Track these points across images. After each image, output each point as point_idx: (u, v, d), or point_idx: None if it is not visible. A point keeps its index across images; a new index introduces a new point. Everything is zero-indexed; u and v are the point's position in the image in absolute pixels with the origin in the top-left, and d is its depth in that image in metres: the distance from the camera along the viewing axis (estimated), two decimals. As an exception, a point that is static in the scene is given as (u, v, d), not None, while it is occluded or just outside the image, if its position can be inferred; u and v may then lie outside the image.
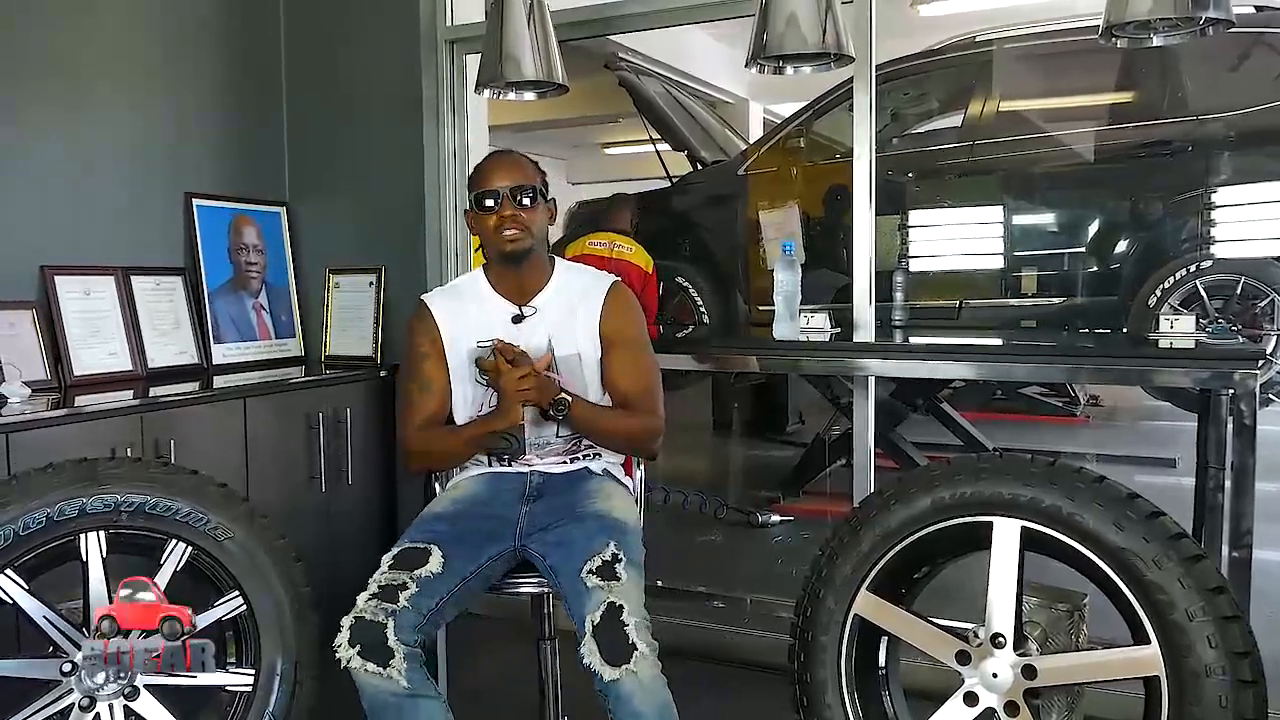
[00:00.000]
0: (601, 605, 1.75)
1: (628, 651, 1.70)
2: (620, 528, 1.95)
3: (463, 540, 1.93)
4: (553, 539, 1.94)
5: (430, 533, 1.95)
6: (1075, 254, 4.65)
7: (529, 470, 2.12)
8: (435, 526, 1.98)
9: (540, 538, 1.96)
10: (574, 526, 1.95)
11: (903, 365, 2.72)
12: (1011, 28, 4.86)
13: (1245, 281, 4.21)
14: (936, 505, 1.93)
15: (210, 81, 3.32)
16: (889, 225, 4.84)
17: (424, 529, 1.98)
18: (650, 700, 1.70)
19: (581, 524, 1.95)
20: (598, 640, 1.71)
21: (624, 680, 1.69)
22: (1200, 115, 4.30)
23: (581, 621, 1.75)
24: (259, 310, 3.41)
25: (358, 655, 1.73)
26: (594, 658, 1.70)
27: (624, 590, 1.78)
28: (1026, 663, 1.84)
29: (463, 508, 2.05)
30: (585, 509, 2.00)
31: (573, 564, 1.85)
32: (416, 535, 1.96)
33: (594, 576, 1.80)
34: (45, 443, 2.27)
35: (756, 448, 6.02)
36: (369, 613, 1.77)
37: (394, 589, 1.81)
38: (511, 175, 2.07)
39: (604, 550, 1.85)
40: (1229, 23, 2.13)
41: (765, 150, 5.48)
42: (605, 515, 1.98)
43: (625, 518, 2.00)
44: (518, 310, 2.11)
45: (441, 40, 3.27)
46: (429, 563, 1.86)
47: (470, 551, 1.92)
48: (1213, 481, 2.35)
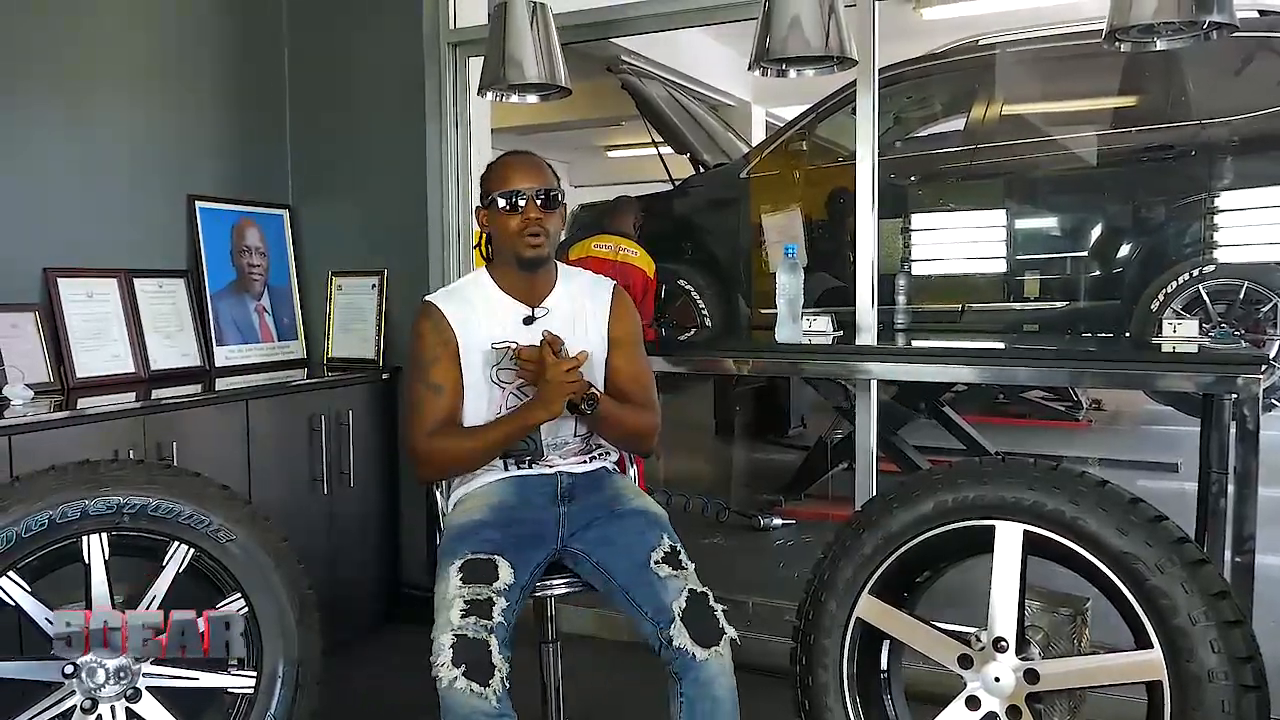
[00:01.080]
0: (683, 591, 1.83)
1: (718, 634, 1.79)
2: (663, 523, 2.01)
3: (515, 548, 1.92)
4: (594, 537, 1.97)
5: (486, 542, 1.91)
6: (1078, 258, 4.65)
7: (555, 471, 2.11)
8: (487, 535, 1.93)
9: (582, 537, 1.99)
10: (617, 524, 1.99)
11: (905, 368, 2.72)
12: (1014, 31, 4.86)
13: (1248, 286, 4.21)
14: (939, 509, 1.93)
15: (213, 84, 3.32)
16: (891, 229, 4.84)
17: (475, 539, 1.93)
18: (729, 684, 1.79)
19: (624, 521, 1.99)
20: (688, 623, 1.79)
21: (712, 662, 1.77)
22: (1203, 120, 4.30)
23: (660, 609, 1.82)
24: (261, 312, 3.41)
25: (463, 675, 1.66)
26: (684, 639, 1.77)
27: (696, 579, 1.87)
28: (1029, 667, 1.84)
29: (502, 514, 2.01)
30: (622, 507, 2.04)
31: (633, 557, 1.90)
32: (474, 546, 1.90)
33: (664, 566, 1.88)
34: (48, 445, 2.27)
35: (758, 451, 6.02)
36: (470, 630, 1.72)
37: (485, 604, 1.77)
38: (536, 178, 2.05)
39: (662, 543, 1.93)
40: (1233, 27, 2.13)
41: (768, 153, 5.48)
42: (646, 511, 2.03)
43: (661, 514, 2.05)
44: (529, 312, 2.11)
45: (444, 43, 3.27)
46: (501, 574, 1.84)
47: (522, 558, 1.91)
48: (1215, 486, 2.34)
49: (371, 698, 2.81)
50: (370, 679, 2.92)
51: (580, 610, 3.06)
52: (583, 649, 2.81)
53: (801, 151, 5.29)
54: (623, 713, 2.57)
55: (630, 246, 4.42)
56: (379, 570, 3.32)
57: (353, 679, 2.87)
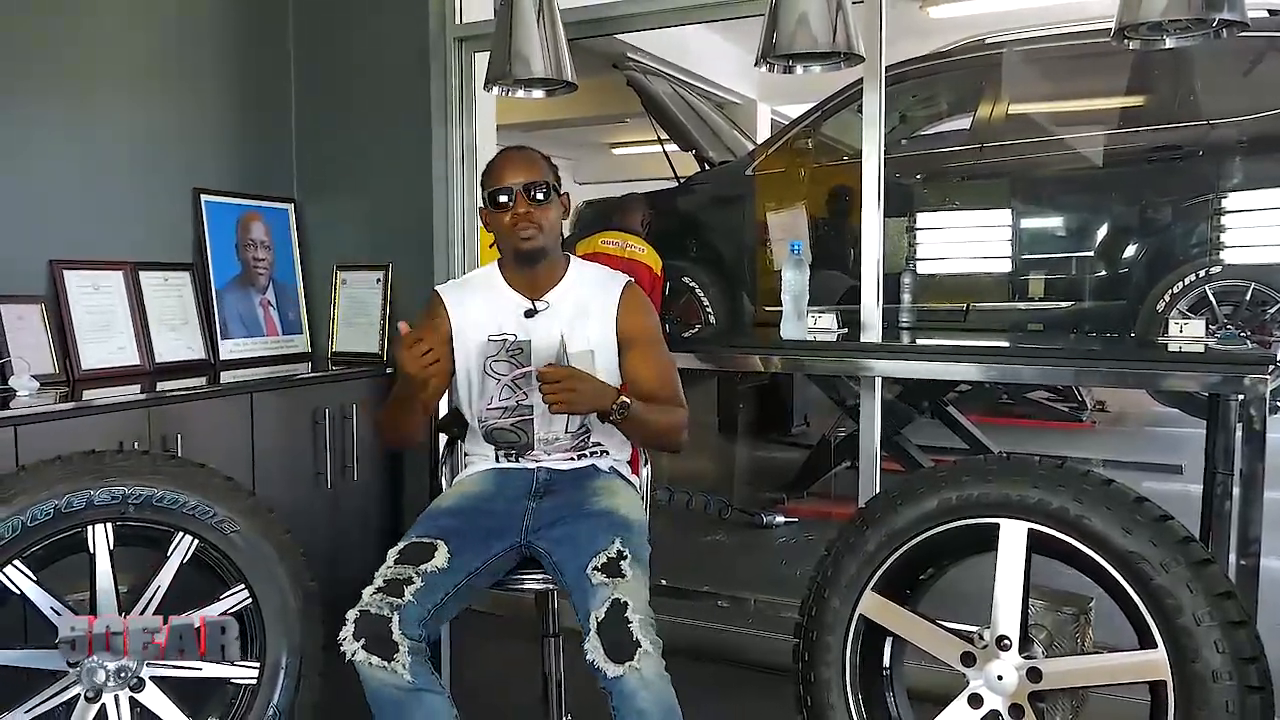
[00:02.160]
0: (606, 602, 1.74)
1: (631, 648, 1.69)
2: (626, 525, 1.95)
3: (469, 535, 1.93)
4: (558, 535, 1.94)
5: (436, 527, 1.95)
6: (1083, 258, 4.63)
7: (536, 466, 2.12)
8: (442, 521, 1.98)
9: (546, 534, 1.96)
10: (580, 523, 1.95)
11: (909, 366, 2.72)
12: (1021, 30, 4.85)
13: (1255, 287, 4.19)
14: (943, 506, 1.93)
15: (219, 78, 3.32)
16: (897, 227, 4.83)
17: (430, 524, 1.98)
18: (654, 697, 1.69)
19: (588, 521, 1.95)
20: (601, 636, 1.71)
21: (627, 677, 1.68)
22: (1211, 120, 4.28)
23: (586, 617, 1.75)
24: (266, 306, 3.41)
25: (362, 649, 1.72)
26: (597, 654, 1.70)
27: (629, 587, 1.77)
28: (1032, 665, 1.84)
29: (469, 503, 2.05)
30: (591, 506, 2.01)
31: (578, 560, 1.85)
32: (423, 530, 1.95)
33: (599, 573, 1.80)
34: (53, 436, 2.27)
35: (762, 449, 6.01)
36: (374, 606, 1.76)
37: (399, 583, 1.80)
38: (525, 172, 2.06)
39: (609, 547, 1.85)
40: (1243, 25, 2.12)
41: (773, 151, 5.47)
42: (612, 513, 1.98)
43: (631, 515, 2.00)
44: (530, 305, 2.11)
45: (450, 38, 3.27)
46: (435, 558, 1.86)
47: (476, 547, 1.92)
48: (1221, 488, 2.34)
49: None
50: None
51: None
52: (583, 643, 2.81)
53: (807, 149, 5.28)
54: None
55: (637, 243, 4.42)
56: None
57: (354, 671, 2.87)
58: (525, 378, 2.07)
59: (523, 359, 2.08)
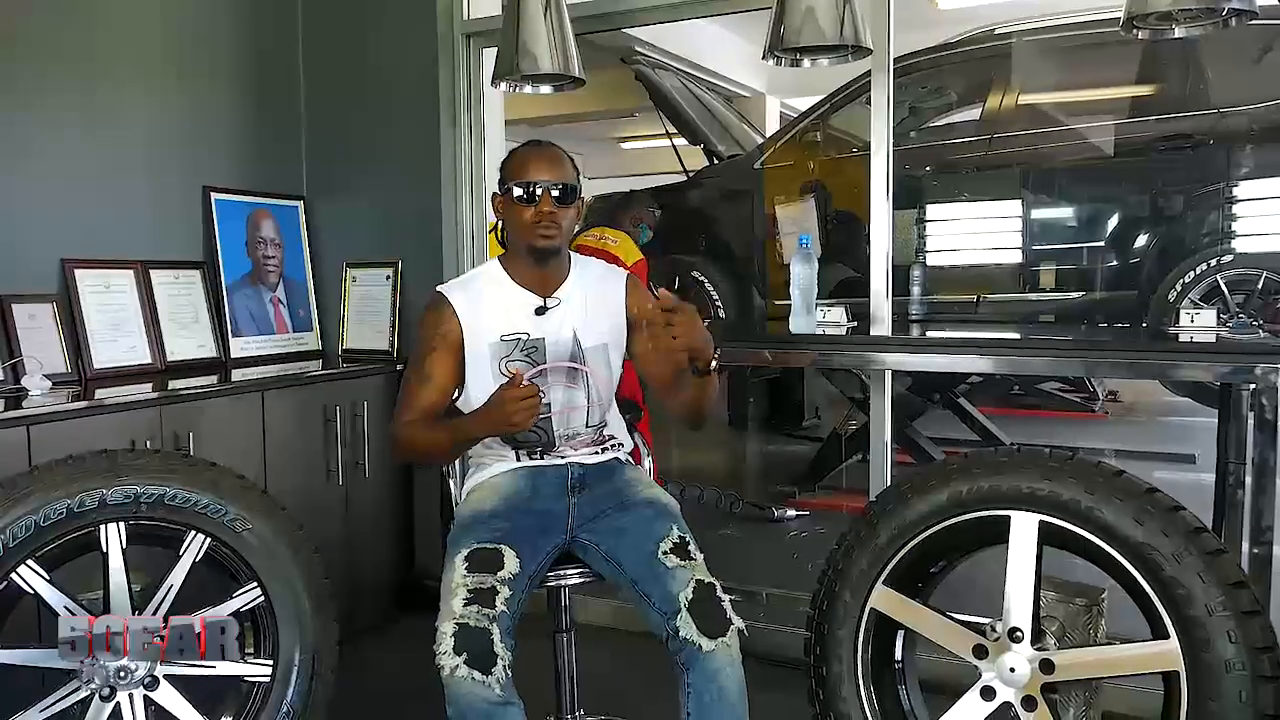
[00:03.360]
0: (691, 582, 1.81)
1: (724, 625, 1.77)
2: (673, 513, 2.00)
3: (523, 538, 1.92)
4: (606, 528, 1.97)
5: (493, 532, 1.92)
6: (1094, 248, 4.61)
7: (566, 462, 2.10)
8: (496, 525, 1.94)
9: (591, 527, 1.99)
10: (627, 514, 1.98)
11: (920, 359, 2.71)
12: (1030, 20, 4.83)
13: (1267, 276, 4.16)
14: (954, 499, 1.93)
15: (229, 76, 3.33)
16: (906, 220, 4.81)
17: (486, 529, 1.93)
18: (735, 675, 1.77)
19: (634, 511, 1.99)
20: (694, 614, 1.77)
21: (718, 652, 1.75)
22: (1221, 109, 4.26)
23: (668, 599, 1.80)
24: (277, 304, 3.42)
25: (464, 664, 1.67)
26: (690, 629, 1.75)
27: (704, 570, 1.85)
28: (1044, 657, 1.83)
29: (513, 504, 2.02)
30: (632, 497, 2.04)
31: (641, 548, 1.88)
32: (481, 536, 1.91)
33: (672, 556, 1.85)
34: (66, 435, 2.29)
35: (773, 443, 6.01)
36: (472, 619, 1.72)
37: (488, 593, 1.77)
38: (554, 171, 2.04)
39: (670, 533, 1.90)
40: (1252, 14, 2.11)
41: (781, 144, 5.46)
42: (656, 501, 2.02)
43: (672, 504, 2.04)
44: (541, 302, 2.10)
45: (458, 34, 3.27)
46: (506, 564, 1.84)
47: (530, 548, 1.91)
48: (1233, 478, 2.34)
49: (386, 686, 2.82)
50: (385, 668, 2.93)
51: (594, 600, 3.06)
52: (596, 639, 2.82)
53: (816, 142, 5.27)
54: (636, 702, 2.57)
55: (612, 235, 4.42)
56: (393, 560, 3.34)
57: (368, 668, 2.89)
58: (541, 376, 2.07)
59: (538, 357, 2.07)
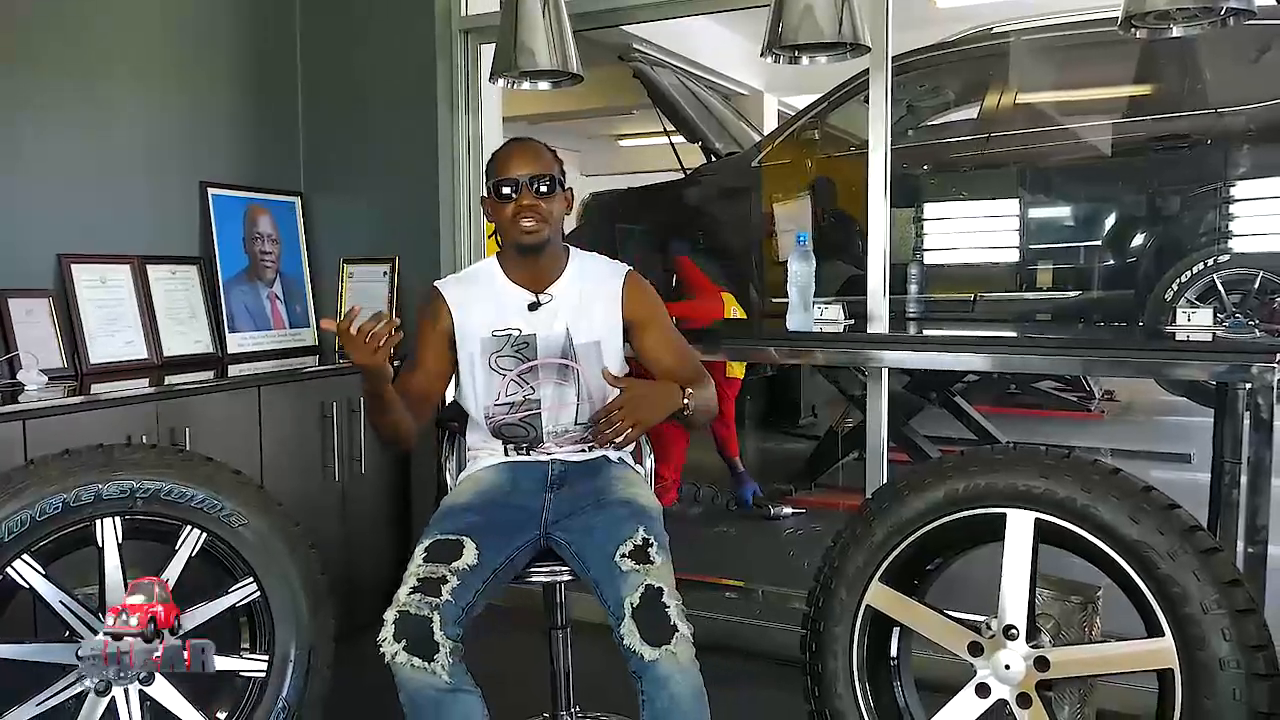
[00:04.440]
0: (639, 587, 1.76)
1: (669, 632, 1.72)
2: (647, 514, 1.97)
3: (491, 530, 1.93)
4: (579, 526, 1.96)
5: (460, 524, 1.93)
6: (1091, 247, 4.62)
7: (549, 459, 2.12)
8: (464, 518, 1.96)
9: (565, 525, 1.98)
10: (600, 513, 1.96)
11: (916, 356, 2.71)
12: (1028, 19, 4.83)
13: (1264, 276, 4.17)
14: (950, 496, 1.93)
15: (226, 72, 3.33)
16: (904, 218, 4.82)
17: (453, 520, 1.96)
18: (687, 682, 1.72)
19: (608, 511, 1.97)
20: (637, 621, 1.73)
21: (663, 661, 1.71)
22: (1219, 108, 4.26)
23: (618, 604, 1.77)
24: (273, 300, 3.42)
25: (403, 650, 1.71)
26: (633, 638, 1.72)
27: (660, 573, 1.80)
28: (1039, 655, 1.84)
29: (488, 498, 2.04)
30: (610, 496, 2.02)
31: (604, 549, 1.86)
32: (447, 527, 1.93)
33: (628, 560, 1.82)
34: (62, 430, 2.28)
35: (769, 440, 6.01)
36: (413, 607, 1.75)
37: (435, 582, 1.79)
38: (530, 164, 2.05)
39: (635, 535, 1.87)
40: (1250, 13, 2.11)
41: (779, 142, 5.46)
42: (631, 502, 2.00)
43: (650, 505, 2.02)
44: (534, 298, 2.11)
45: (456, 30, 3.27)
46: (464, 555, 1.85)
47: (499, 542, 1.92)
48: (1228, 477, 2.34)
49: (382, 682, 2.80)
50: (380, 664, 2.91)
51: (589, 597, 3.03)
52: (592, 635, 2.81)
53: (814, 140, 5.27)
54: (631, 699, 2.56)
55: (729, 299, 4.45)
56: (390, 556, 3.33)
57: (364, 663, 2.87)
58: (531, 372, 2.07)
59: (528, 353, 2.08)
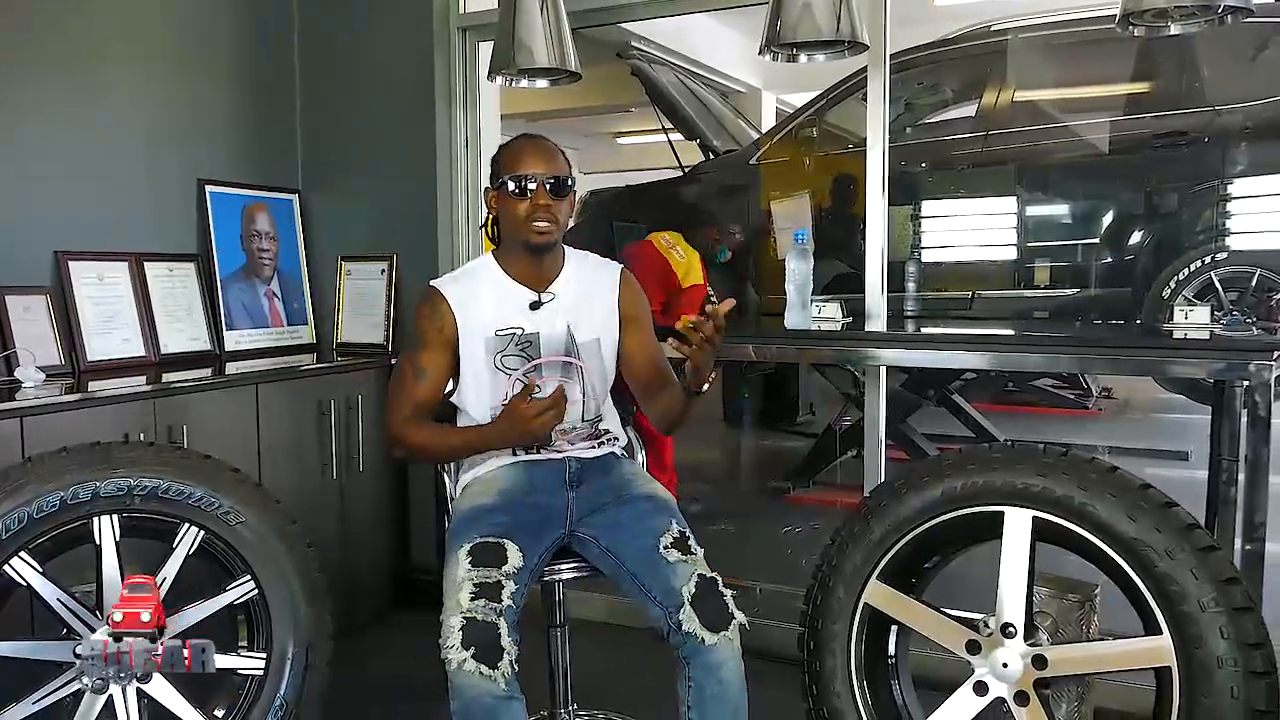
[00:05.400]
0: (693, 576, 1.81)
1: (727, 619, 1.78)
2: (671, 507, 2.00)
3: (524, 531, 1.92)
4: (604, 522, 1.97)
5: (495, 526, 1.91)
6: (1089, 245, 4.63)
7: (564, 456, 2.10)
8: (496, 518, 1.93)
9: (590, 522, 1.98)
10: (626, 509, 1.98)
11: (914, 355, 2.71)
12: (1027, 17, 4.83)
13: (1261, 273, 4.18)
14: (948, 495, 1.93)
15: (224, 69, 3.32)
16: (902, 216, 4.82)
17: (485, 523, 1.93)
18: (737, 669, 1.78)
19: (634, 506, 1.98)
20: (697, 607, 1.77)
21: (720, 646, 1.76)
22: (1217, 106, 4.27)
23: (670, 594, 1.80)
24: (271, 297, 3.42)
25: (472, 658, 1.67)
26: (693, 624, 1.76)
27: (704, 564, 1.86)
28: (1037, 653, 1.84)
29: (512, 498, 2.01)
30: (632, 491, 2.03)
31: (641, 541, 1.89)
32: (483, 530, 1.90)
33: (673, 550, 1.86)
34: (59, 427, 2.28)
35: (767, 438, 6.01)
36: (479, 613, 1.72)
37: (494, 587, 1.77)
38: (548, 164, 2.03)
39: (670, 528, 1.91)
40: (1248, 11, 2.11)
41: (777, 140, 5.46)
42: (655, 496, 2.02)
43: (669, 498, 2.04)
44: (536, 297, 2.10)
45: (454, 27, 3.26)
46: (510, 558, 1.83)
47: (532, 542, 1.91)
48: (1226, 474, 2.34)
49: (380, 680, 2.82)
50: (379, 662, 2.93)
51: (588, 595, 3.07)
52: (591, 633, 2.82)
53: (812, 138, 5.27)
54: (630, 697, 2.57)
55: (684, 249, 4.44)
56: (388, 554, 3.34)
57: (361, 662, 2.89)
58: (536, 370, 2.06)
59: (533, 352, 2.07)
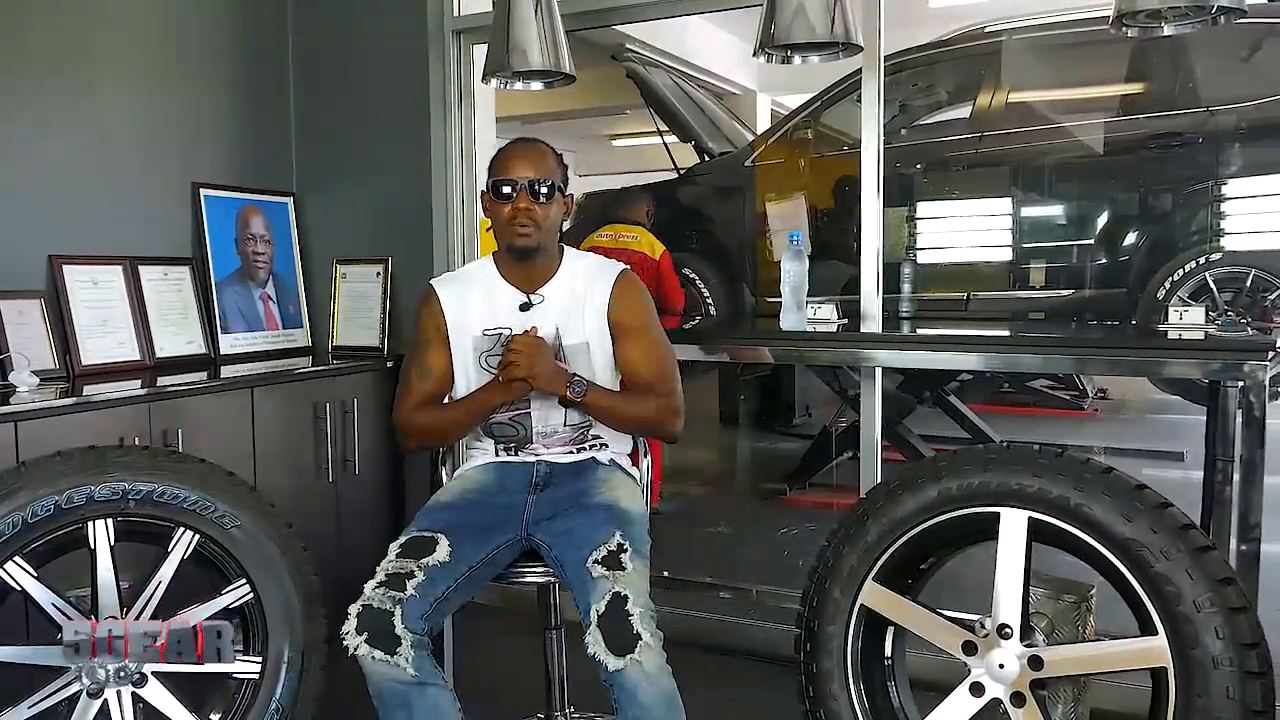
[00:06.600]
0: (606, 595, 1.75)
1: (632, 641, 1.70)
2: (626, 518, 1.95)
3: (470, 529, 1.94)
4: (559, 528, 1.95)
5: (438, 521, 1.96)
6: (1084, 246, 4.63)
7: (536, 459, 2.12)
8: (443, 515, 1.98)
9: (547, 527, 1.97)
10: (580, 516, 1.95)
11: (910, 356, 2.72)
12: (1021, 18, 4.84)
13: (1255, 274, 4.19)
14: (944, 496, 1.93)
15: (218, 72, 3.32)
16: (897, 217, 4.83)
17: (431, 517, 1.98)
18: (655, 690, 1.71)
19: (588, 514, 1.95)
20: (602, 630, 1.72)
21: (629, 670, 1.69)
22: (1211, 107, 4.28)
23: (586, 611, 1.76)
24: (266, 300, 3.41)
25: (365, 643, 1.74)
26: (598, 647, 1.71)
27: (629, 580, 1.78)
28: (1033, 654, 1.84)
29: (470, 497, 2.05)
30: (592, 499, 2.01)
31: (578, 554, 1.85)
32: (424, 524, 1.96)
33: (599, 566, 1.80)
34: (54, 431, 2.27)
35: (763, 440, 6.02)
36: (376, 600, 1.77)
37: (401, 577, 1.81)
38: (533, 167, 2.04)
39: (609, 540, 1.86)
40: (1241, 12, 2.12)
41: (772, 142, 5.47)
42: (612, 506, 1.98)
43: (632, 508, 2.00)
44: (525, 298, 2.11)
45: (449, 30, 3.26)
46: (436, 551, 1.87)
47: (477, 540, 1.92)
48: (1221, 474, 2.34)
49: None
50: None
51: (585, 598, 3.06)
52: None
53: (806, 140, 5.28)
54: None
55: (630, 231, 4.41)
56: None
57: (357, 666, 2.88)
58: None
59: None
